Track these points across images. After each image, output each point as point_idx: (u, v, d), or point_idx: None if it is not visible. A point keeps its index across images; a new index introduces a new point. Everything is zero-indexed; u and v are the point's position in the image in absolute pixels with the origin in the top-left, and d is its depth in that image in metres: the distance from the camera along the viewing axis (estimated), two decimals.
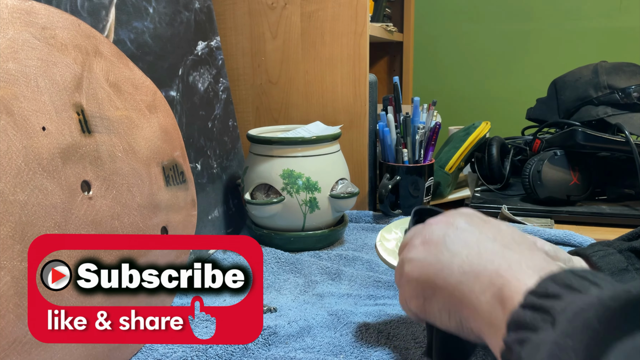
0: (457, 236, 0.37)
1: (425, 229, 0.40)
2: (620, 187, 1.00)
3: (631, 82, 0.99)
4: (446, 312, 0.35)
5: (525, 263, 0.32)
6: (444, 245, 0.37)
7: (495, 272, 0.32)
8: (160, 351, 0.47)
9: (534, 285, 0.29)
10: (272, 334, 0.51)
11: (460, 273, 0.34)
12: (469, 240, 0.36)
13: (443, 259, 0.36)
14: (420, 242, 0.39)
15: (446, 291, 0.35)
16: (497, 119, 1.47)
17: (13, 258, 0.36)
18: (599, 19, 1.67)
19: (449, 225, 0.38)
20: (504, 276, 0.31)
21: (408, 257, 0.39)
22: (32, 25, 0.41)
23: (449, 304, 0.35)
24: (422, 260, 0.37)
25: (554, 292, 0.27)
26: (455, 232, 0.37)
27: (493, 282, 0.32)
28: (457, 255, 0.35)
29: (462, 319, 0.34)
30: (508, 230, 0.37)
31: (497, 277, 0.32)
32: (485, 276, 0.32)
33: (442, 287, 0.35)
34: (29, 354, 0.36)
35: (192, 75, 0.76)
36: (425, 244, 0.38)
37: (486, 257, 0.33)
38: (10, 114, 0.37)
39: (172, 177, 0.55)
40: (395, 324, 0.53)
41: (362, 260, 0.72)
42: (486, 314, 0.31)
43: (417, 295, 0.38)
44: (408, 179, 0.89)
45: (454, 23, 1.82)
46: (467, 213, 0.40)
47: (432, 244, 0.37)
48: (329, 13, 0.93)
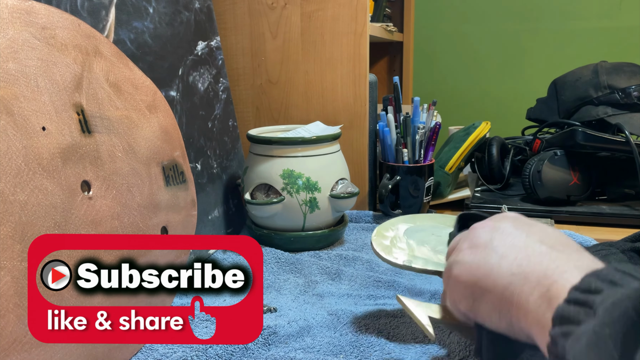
0: (504, 239, 0.38)
1: (471, 233, 0.41)
2: (620, 187, 1.00)
3: (631, 82, 0.99)
4: (496, 313, 0.36)
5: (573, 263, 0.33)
6: (491, 248, 0.37)
7: (543, 273, 0.33)
8: (160, 351, 0.47)
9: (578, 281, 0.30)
10: (272, 334, 0.51)
11: (509, 274, 0.35)
12: (516, 243, 0.37)
13: (491, 261, 0.37)
14: (468, 246, 0.40)
15: (495, 292, 0.36)
16: (497, 119, 1.47)
17: (13, 258, 0.36)
18: (599, 19, 1.67)
19: (495, 229, 0.39)
20: (551, 276, 0.32)
21: (456, 260, 0.40)
22: (32, 25, 0.41)
23: (499, 305, 0.35)
24: (470, 263, 0.38)
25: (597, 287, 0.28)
26: (502, 235, 0.38)
27: (541, 283, 0.32)
28: (505, 257, 0.36)
29: (511, 319, 0.35)
30: (554, 232, 0.38)
31: (545, 278, 0.32)
32: (534, 277, 0.33)
33: (491, 289, 0.36)
34: (29, 354, 0.36)
35: (192, 75, 0.76)
36: (472, 247, 0.39)
37: (534, 259, 0.34)
38: (10, 114, 0.37)
39: (172, 177, 0.55)
40: (395, 323, 0.53)
41: (362, 260, 0.72)
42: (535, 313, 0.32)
43: (466, 297, 0.38)
44: (408, 179, 0.89)
45: (454, 23, 1.82)
46: (513, 217, 0.41)
47: (480, 247, 0.38)
48: (329, 13, 0.93)
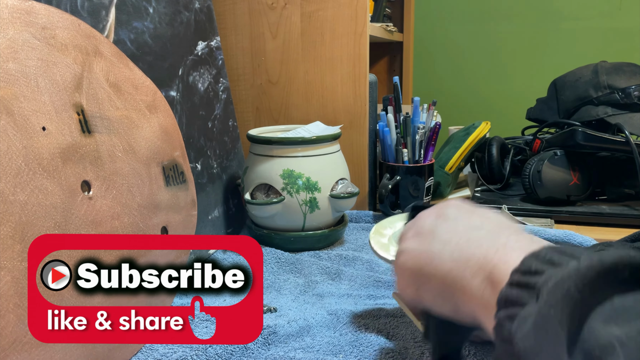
0: (447, 226, 0.39)
1: (417, 222, 0.42)
2: (620, 187, 1.00)
3: (631, 82, 0.99)
4: (440, 298, 0.37)
5: (511, 245, 0.33)
6: (434, 235, 0.39)
7: (484, 257, 0.33)
8: (160, 351, 0.47)
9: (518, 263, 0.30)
10: (271, 334, 0.51)
11: (451, 260, 0.36)
12: (457, 229, 0.38)
13: (434, 248, 0.38)
14: (413, 234, 0.41)
15: (439, 278, 0.36)
16: (497, 119, 1.47)
17: (13, 258, 0.36)
18: (599, 19, 1.67)
19: (438, 216, 0.40)
20: (492, 260, 0.33)
21: (401, 248, 0.41)
22: (32, 25, 0.41)
23: (443, 290, 0.36)
24: (414, 250, 0.39)
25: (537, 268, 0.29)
26: (444, 222, 0.39)
27: (482, 267, 0.33)
28: (447, 243, 0.37)
29: (456, 303, 0.35)
30: (495, 217, 0.39)
31: (486, 262, 0.33)
32: (475, 261, 0.34)
33: (434, 275, 0.37)
34: (29, 354, 0.36)
35: (192, 75, 0.76)
36: (417, 235, 0.40)
37: (475, 243, 0.35)
38: (10, 114, 0.37)
39: (172, 177, 0.55)
40: (394, 323, 0.53)
41: (362, 260, 0.72)
42: (479, 297, 0.33)
43: (411, 284, 0.39)
44: (408, 179, 0.89)
45: (454, 23, 1.82)
46: (455, 204, 0.42)
47: (423, 235, 0.39)
48: (329, 13, 0.93)
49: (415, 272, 0.39)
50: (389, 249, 0.54)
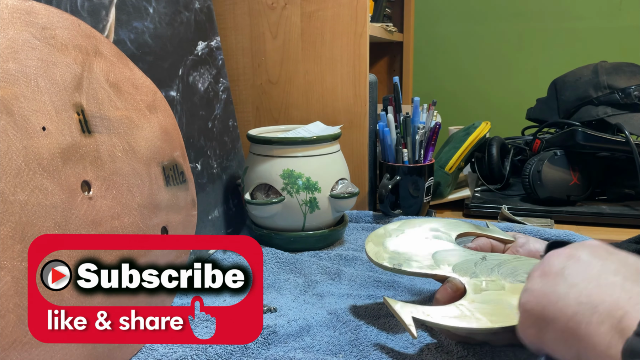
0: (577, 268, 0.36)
1: (545, 261, 0.40)
2: (620, 187, 1.00)
3: (631, 82, 0.99)
4: (562, 344, 0.35)
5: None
6: (561, 276, 0.36)
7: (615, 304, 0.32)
8: (160, 351, 0.47)
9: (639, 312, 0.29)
10: (271, 333, 0.51)
11: (577, 304, 0.34)
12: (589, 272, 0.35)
13: (559, 289, 0.36)
14: (539, 274, 0.39)
15: (561, 322, 0.34)
16: (497, 119, 1.47)
17: (13, 258, 0.36)
18: (599, 19, 1.67)
19: (569, 257, 0.38)
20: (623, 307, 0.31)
21: (525, 287, 0.39)
22: (32, 25, 0.41)
23: (565, 335, 0.34)
24: (538, 290, 0.37)
25: None
26: (575, 264, 0.37)
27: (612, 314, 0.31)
28: (574, 286, 0.35)
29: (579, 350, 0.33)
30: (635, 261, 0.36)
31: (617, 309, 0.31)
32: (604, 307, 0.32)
33: (557, 318, 0.35)
34: (29, 354, 0.36)
35: (192, 75, 0.76)
36: (543, 275, 0.38)
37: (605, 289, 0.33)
38: (10, 114, 0.37)
39: (172, 177, 0.55)
40: (394, 323, 0.53)
41: (362, 260, 0.72)
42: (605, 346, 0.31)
43: (532, 326, 0.37)
44: (408, 179, 0.89)
45: (454, 23, 1.82)
46: (592, 245, 0.39)
47: (550, 275, 0.37)
48: (329, 13, 0.93)
49: (537, 314, 0.37)
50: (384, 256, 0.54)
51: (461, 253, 0.54)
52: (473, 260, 0.52)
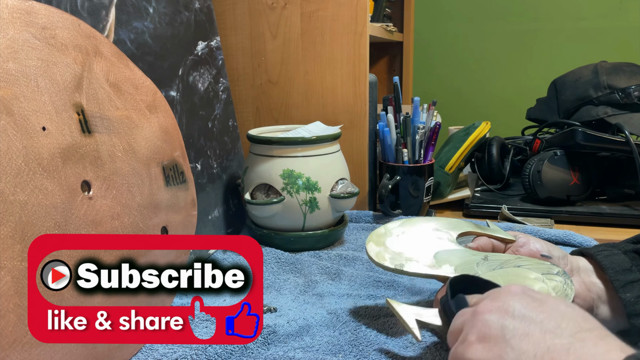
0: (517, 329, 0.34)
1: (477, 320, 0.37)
2: (620, 187, 1.00)
3: (631, 82, 0.99)
4: None
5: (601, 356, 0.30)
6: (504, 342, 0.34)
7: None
8: (160, 351, 0.47)
9: None
10: (271, 333, 0.51)
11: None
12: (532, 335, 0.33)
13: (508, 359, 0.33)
14: (477, 339, 0.36)
15: None
16: (497, 119, 1.47)
17: (13, 258, 0.36)
18: (599, 19, 1.67)
19: (504, 314, 0.36)
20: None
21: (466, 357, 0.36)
22: (32, 25, 0.41)
23: None
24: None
25: None
26: (513, 322, 0.35)
27: None
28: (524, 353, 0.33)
29: None
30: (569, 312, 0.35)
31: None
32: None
33: None
34: (29, 354, 0.36)
35: (192, 75, 0.76)
36: (483, 340, 0.35)
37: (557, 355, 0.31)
38: (11, 114, 0.37)
39: (172, 177, 0.55)
40: (394, 323, 0.53)
41: (362, 260, 0.72)
42: None
43: None
44: (408, 179, 0.89)
45: (454, 23, 1.82)
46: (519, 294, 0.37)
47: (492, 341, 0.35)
48: (329, 13, 0.93)
49: None
50: (385, 256, 0.54)
51: (463, 253, 0.54)
52: (475, 261, 0.52)
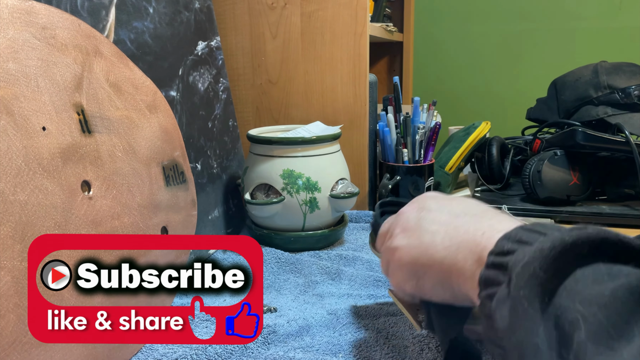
0: (431, 217, 0.41)
1: (400, 218, 0.44)
2: (620, 187, 1.00)
3: (631, 82, 0.99)
4: (439, 285, 0.39)
5: (496, 227, 0.35)
6: (422, 227, 0.40)
7: (472, 241, 0.36)
8: (160, 351, 0.47)
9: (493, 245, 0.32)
10: (271, 333, 0.51)
11: (443, 248, 0.38)
12: (442, 218, 0.40)
13: (425, 239, 0.40)
14: (400, 230, 0.42)
15: (435, 267, 0.38)
16: (497, 119, 1.48)
17: (13, 258, 0.36)
18: (599, 19, 1.67)
19: (420, 209, 0.42)
20: (480, 242, 0.35)
21: (392, 246, 0.42)
22: (32, 25, 0.41)
23: (440, 277, 0.38)
24: (406, 245, 0.41)
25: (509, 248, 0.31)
26: (428, 214, 0.41)
27: (472, 250, 0.35)
28: (436, 233, 0.39)
29: (453, 287, 0.37)
30: (474, 203, 0.41)
31: (475, 245, 0.35)
32: (465, 245, 0.36)
33: (430, 265, 0.39)
34: (29, 354, 0.36)
35: (192, 75, 0.76)
36: (405, 230, 0.42)
37: (462, 229, 0.37)
38: (11, 114, 0.37)
39: (172, 177, 0.55)
40: (394, 323, 0.53)
41: (362, 260, 0.72)
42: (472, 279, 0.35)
43: (410, 278, 0.41)
44: (408, 179, 0.89)
45: (454, 23, 1.82)
46: (432, 196, 0.44)
47: (411, 229, 0.41)
48: (329, 13, 0.93)
49: (412, 266, 0.40)
50: None
51: None
52: None
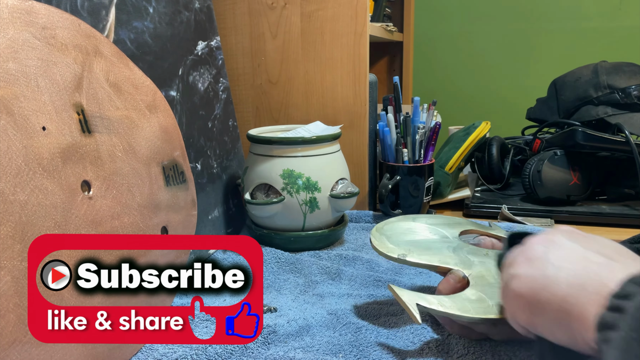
0: (560, 251, 0.38)
1: (526, 247, 0.41)
2: (620, 187, 1.00)
3: (631, 82, 0.99)
4: (556, 326, 0.36)
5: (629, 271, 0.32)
6: (547, 260, 0.38)
7: (601, 283, 0.33)
8: (160, 351, 0.47)
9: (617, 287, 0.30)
10: (271, 333, 0.51)
11: (567, 285, 0.35)
12: (572, 255, 0.37)
13: (549, 273, 0.37)
14: (524, 260, 0.40)
15: (554, 304, 0.35)
16: (497, 119, 1.47)
17: (13, 258, 0.36)
18: (599, 19, 1.67)
19: (550, 242, 0.39)
20: (609, 286, 0.32)
21: (513, 273, 0.40)
22: (32, 25, 0.41)
23: (558, 317, 0.35)
24: (528, 275, 0.38)
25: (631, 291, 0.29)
26: (557, 247, 0.38)
27: (598, 292, 0.32)
28: (562, 269, 0.36)
29: (573, 331, 0.34)
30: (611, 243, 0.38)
31: (603, 287, 0.32)
32: (592, 288, 0.33)
33: (549, 301, 0.36)
34: (29, 354, 0.36)
35: (192, 75, 0.76)
36: (529, 260, 0.39)
37: (591, 270, 0.34)
38: (11, 113, 0.37)
39: (172, 177, 0.55)
40: (394, 323, 0.54)
41: (362, 260, 0.72)
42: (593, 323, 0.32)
43: (525, 310, 0.38)
44: (408, 179, 0.89)
45: (454, 23, 1.82)
46: (566, 230, 0.41)
47: (536, 260, 0.38)
48: (329, 13, 0.93)
49: (529, 298, 0.37)
50: (389, 246, 0.55)
51: (465, 249, 0.55)
52: (476, 256, 0.54)
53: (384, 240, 0.56)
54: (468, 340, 0.49)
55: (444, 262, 0.52)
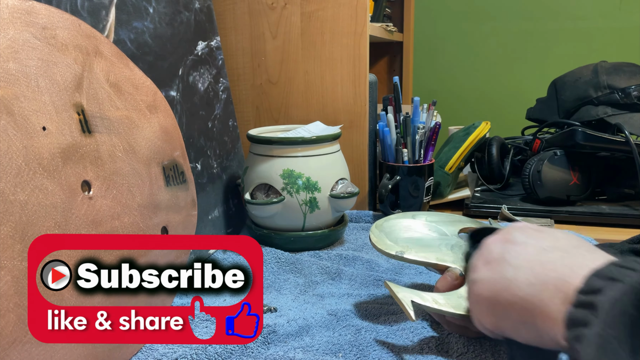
0: (516, 251, 0.38)
1: (483, 250, 0.41)
2: (620, 187, 1.00)
3: (631, 82, 0.99)
4: (522, 325, 0.36)
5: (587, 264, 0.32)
6: (505, 261, 0.38)
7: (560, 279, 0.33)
8: (160, 351, 0.47)
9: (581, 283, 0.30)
10: (271, 333, 0.51)
11: (527, 285, 0.35)
12: (528, 252, 0.37)
13: (508, 274, 0.37)
14: (482, 263, 0.40)
15: (517, 305, 0.35)
16: (497, 119, 1.47)
17: (13, 258, 0.36)
18: (599, 19, 1.67)
19: (505, 241, 0.39)
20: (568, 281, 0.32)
21: (473, 278, 0.40)
22: (33, 25, 0.41)
23: (522, 316, 0.35)
24: (487, 279, 0.38)
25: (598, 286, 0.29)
26: (513, 247, 0.38)
27: (560, 289, 0.32)
28: (520, 268, 0.36)
29: (538, 329, 0.34)
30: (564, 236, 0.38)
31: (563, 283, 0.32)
32: (551, 284, 0.33)
33: (512, 302, 0.36)
34: (29, 354, 0.36)
35: (192, 75, 0.76)
36: (487, 263, 0.39)
37: (549, 266, 0.34)
38: (11, 114, 0.37)
39: (172, 177, 0.55)
40: (394, 323, 0.54)
41: (362, 260, 0.72)
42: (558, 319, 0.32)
43: (489, 314, 0.38)
44: (408, 179, 0.89)
45: (454, 23, 1.82)
46: (521, 226, 0.41)
47: (494, 262, 0.38)
48: (329, 13, 0.93)
49: (492, 301, 0.38)
50: (388, 243, 0.55)
51: (463, 246, 0.55)
52: None
53: (382, 237, 0.56)
54: (467, 338, 0.49)
55: (441, 260, 0.53)
